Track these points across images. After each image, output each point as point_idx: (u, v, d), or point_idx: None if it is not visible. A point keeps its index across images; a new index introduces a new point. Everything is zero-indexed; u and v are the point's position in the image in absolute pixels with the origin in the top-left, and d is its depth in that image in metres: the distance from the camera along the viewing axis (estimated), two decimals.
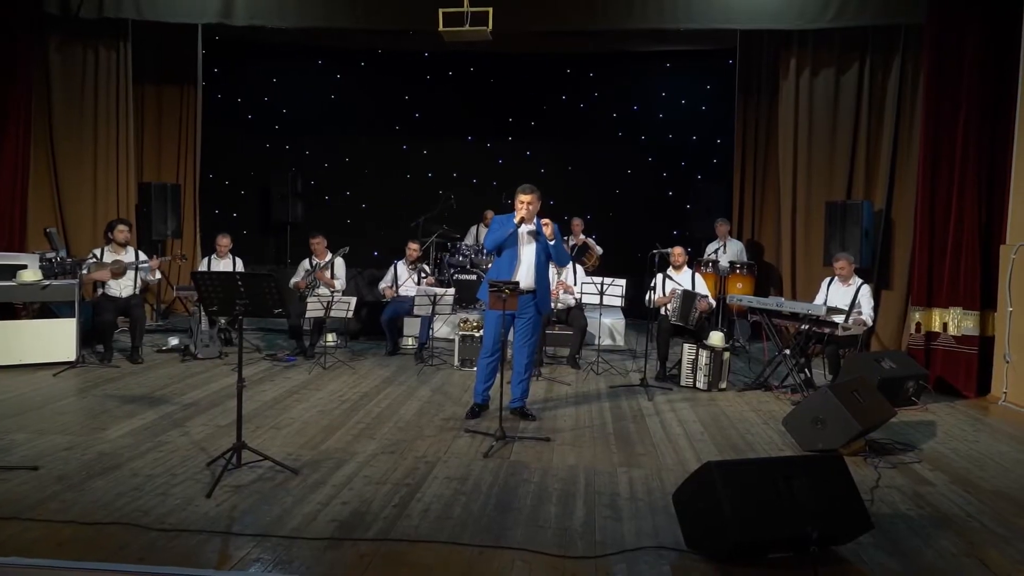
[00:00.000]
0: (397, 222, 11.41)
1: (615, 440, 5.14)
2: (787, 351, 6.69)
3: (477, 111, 12.00)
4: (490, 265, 8.22)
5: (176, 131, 11.00)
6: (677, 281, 7.39)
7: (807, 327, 6.57)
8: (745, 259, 9.49)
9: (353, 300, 7.27)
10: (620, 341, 9.08)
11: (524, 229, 5.46)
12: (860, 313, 6.84)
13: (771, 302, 6.76)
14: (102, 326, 7.07)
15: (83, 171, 9.46)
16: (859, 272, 7.64)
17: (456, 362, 7.43)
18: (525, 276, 5.43)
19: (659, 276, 7.45)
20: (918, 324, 7.22)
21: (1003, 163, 6.87)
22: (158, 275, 7.61)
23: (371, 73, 12.16)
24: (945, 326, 7.09)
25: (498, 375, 5.44)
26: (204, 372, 6.87)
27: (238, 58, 12.13)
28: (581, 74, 11.88)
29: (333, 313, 7.20)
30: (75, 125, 9.40)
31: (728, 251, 9.43)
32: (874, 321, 7.12)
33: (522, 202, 5.42)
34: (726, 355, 6.79)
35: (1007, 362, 6.62)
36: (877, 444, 5.10)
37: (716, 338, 6.83)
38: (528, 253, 5.49)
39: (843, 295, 7.00)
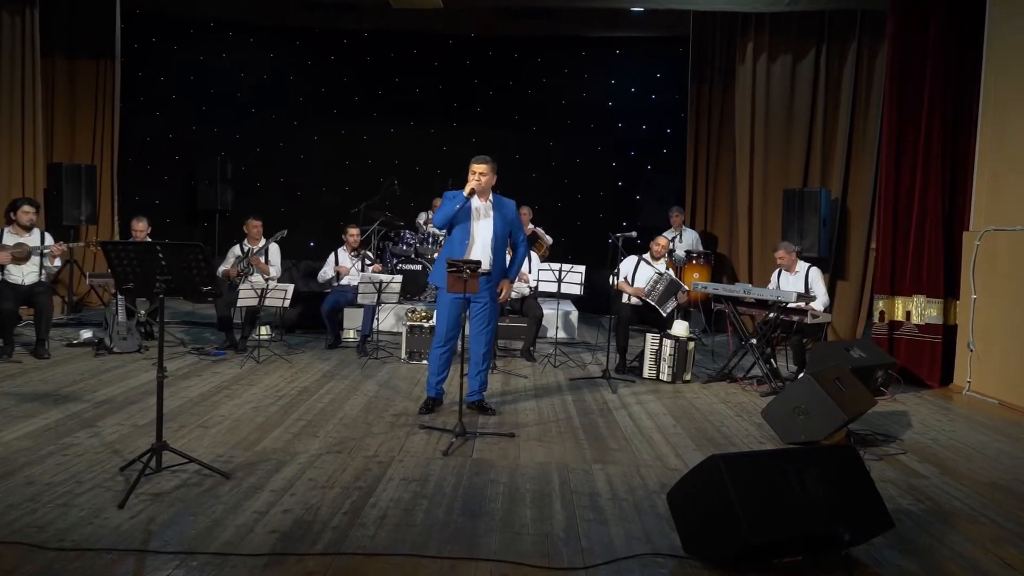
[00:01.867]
0: (334, 211, 10.77)
1: (584, 435, 4.71)
2: (753, 341, 6.39)
3: (420, 95, 11.46)
4: (437, 255, 7.73)
5: (91, 109, 10.12)
6: (656, 268, 7.04)
7: (774, 315, 6.28)
8: (701, 248, 9.24)
9: (290, 288, 6.65)
10: (575, 334, 8.69)
11: (477, 203, 4.98)
12: (815, 299, 6.60)
13: (738, 288, 6.46)
14: (1, 316, 6.26)
15: None
16: (816, 261, 7.44)
17: (404, 355, 6.89)
18: (480, 256, 4.94)
19: (631, 260, 7.08)
20: (881, 313, 7.04)
21: (966, 149, 6.74)
22: (59, 263, 6.80)
23: (307, 53, 11.49)
24: (908, 314, 6.92)
25: (453, 367, 4.95)
26: (120, 367, 6.15)
27: (161, 33, 11.29)
28: (529, 59, 11.46)
29: (268, 301, 6.57)
30: None
31: (684, 240, 9.16)
32: (829, 307, 6.90)
33: (474, 172, 4.95)
34: (691, 345, 6.45)
35: (971, 351, 6.47)
36: (858, 435, 4.81)
37: (680, 328, 6.48)
38: (483, 229, 5.00)
39: (794, 283, 6.75)
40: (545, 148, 11.47)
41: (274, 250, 7.44)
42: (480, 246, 4.99)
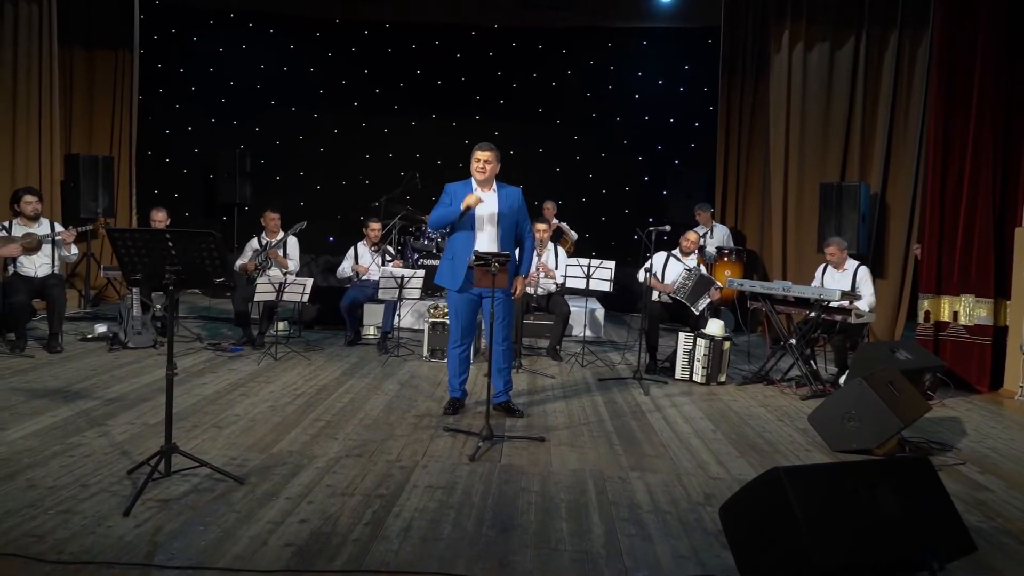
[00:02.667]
0: (354, 205, 10.57)
1: (618, 439, 4.43)
2: (792, 341, 6.08)
3: (442, 87, 11.22)
4: None
5: (109, 100, 9.99)
6: (685, 264, 6.75)
7: (816, 314, 5.96)
8: (732, 245, 8.93)
9: (309, 282, 6.42)
10: (601, 332, 8.40)
11: (481, 194, 4.68)
12: (860, 298, 6.27)
13: (776, 286, 6.14)
14: (13, 309, 6.10)
15: (0, 140, 8.35)
16: (855, 259, 7.10)
17: (425, 352, 6.63)
18: (487, 250, 4.66)
19: (661, 256, 6.79)
20: (927, 313, 6.69)
21: (1019, 141, 6.38)
22: (75, 251, 6.63)
23: (328, 44, 11.26)
24: (956, 315, 6.57)
25: (474, 366, 4.68)
26: (134, 363, 5.95)
27: (181, 25, 11.14)
28: (554, 51, 11.17)
29: (286, 296, 6.34)
30: None
31: (715, 236, 8.84)
32: (873, 308, 6.56)
33: (478, 160, 4.67)
34: (726, 345, 6.14)
35: None
36: (912, 444, 4.50)
37: (715, 327, 6.18)
38: (489, 222, 4.71)
39: (839, 282, 6.43)
40: (569, 142, 11.19)
41: (292, 243, 7.22)
42: (487, 240, 4.69)
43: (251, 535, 2.89)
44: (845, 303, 5.85)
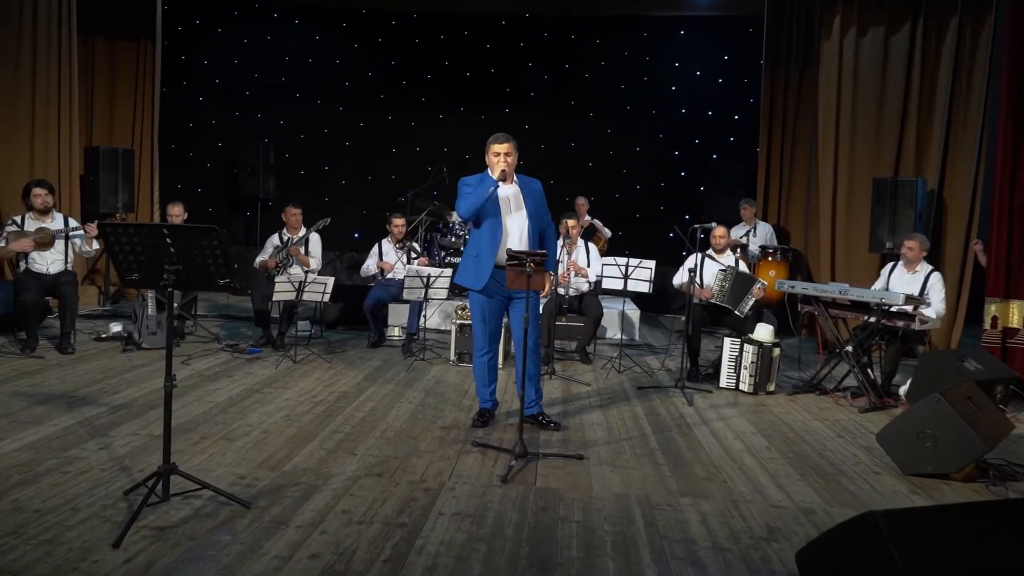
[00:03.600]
0: (381, 201, 10.24)
1: (664, 458, 4.03)
2: (848, 348, 5.61)
3: (471, 79, 10.84)
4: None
5: (131, 92, 9.78)
6: (720, 263, 6.30)
7: (875, 320, 5.49)
8: (776, 243, 8.45)
9: (330, 281, 6.08)
10: (635, 334, 7.98)
11: (505, 190, 4.33)
12: (928, 304, 5.78)
13: (832, 289, 5.67)
14: (23, 307, 5.84)
15: (18, 132, 8.12)
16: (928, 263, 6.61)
17: (452, 356, 6.27)
18: (517, 246, 4.29)
19: (695, 257, 6.34)
20: (994, 318, 6.17)
21: None
22: (96, 245, 6.36)
23: (354, 35, 10.94)
24: None
25: (503, 371, 4.30)
26: (147, 365, 5.66)
27: (205, 15, 10.90)
28: (587, 41, 10.74)
29: (306, 296, 6.01)
30: (8, 81, 8.06)
31: (758, 235, 8.36)
32: (941, 316, 6.07)
33: (498, 154, 4.29)
34: (776, 352, 5.69)
35: None
36: (994, 467, 4.03)
37: (764, 332, 5.74)
38: (517, 219, 4.34)
39: (907, 284, 5.94)
40: (603, 135, 10.75)
41: (315, 240, 6.89)
42: (516, 237, 4.32)
43: (255, 573, 2.54)
44: (909, 308, 5.37)
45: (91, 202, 8.73)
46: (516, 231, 4.33)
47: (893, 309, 5.46)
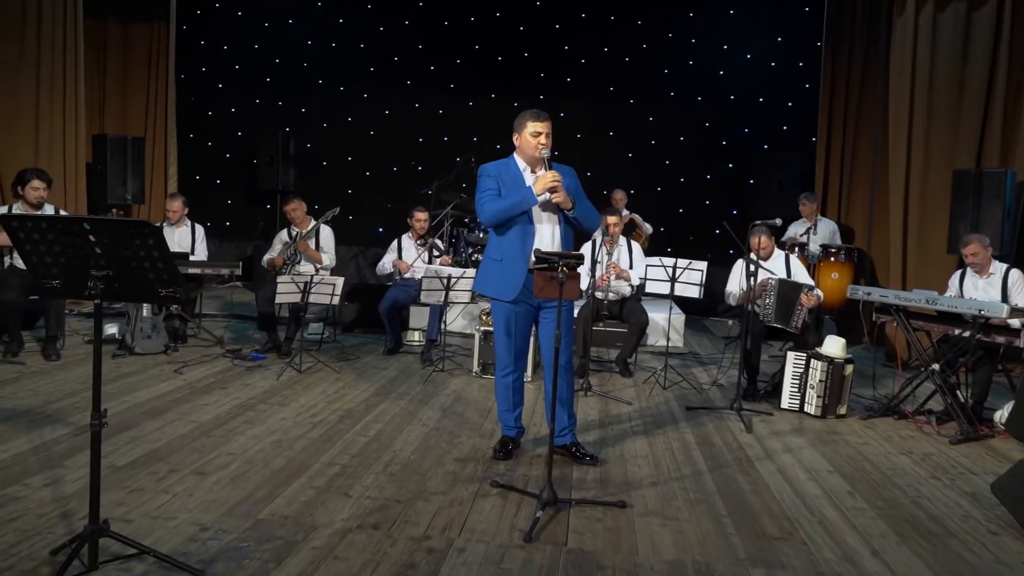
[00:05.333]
0: (406, 193, 9.60)
1: (725, 506, 3.30)
2: (936, 367, 4.81)
3: (503, 64, 10.13)
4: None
5: (144, 77, 9.27)
6: (768, 270, 5.51)
7: (970, 334, 4.68)
8: (839, 242, 7.63)
9: (340, 281, 5.44)
10: (680, 341, 7.24)
11: (531, 178, 3.62)
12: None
13: (917, 297, 4.86)
14: (5, 307, 5.30)
15: (22, 119, 7.62)
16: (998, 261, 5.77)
17: (475, 367, 5.60)
18: (549, 247, 3.59)
19: (739, 265, 5.58)
20: None
21: None
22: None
23: (379, 18, 10.29)
24: None
25: (532, 384, 3.62)
26: (135, 374, 5.09)
27: None
28: (627, 22, 9.95)
29: (313, 297, 5.38)
30: (12, 65, 7.55)
31: (819, 233, 7.54)
32: None
33: (537, 133, 3.58)
34: (848, 369, 4.91)
35: None
36: None
37: (834, 345, 4.95)
38: (548, 218, 3.62)
39: (983, 291, 5.13)
40: (644, 124, 9.97)
41: (326, 233, 6.27)
42: (548, 234, 3.61)
43: None
44: (1016, 323, 4.55)
45: (99, 193, 8.25)
46: (549, 228, 3.64)
47: (994, 322, 4.64)
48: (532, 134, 3.60)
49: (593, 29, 9.98)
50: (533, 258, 3.21)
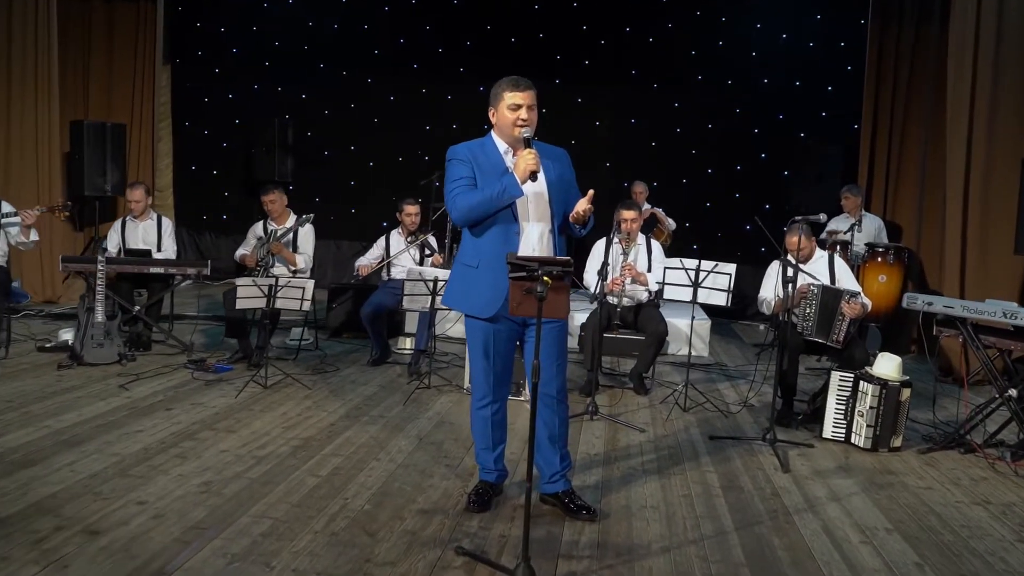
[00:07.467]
0: (412, 184, 8.92)
1: None
2: (1012, 392, 4.00)
3: (516, 46, 9.40)
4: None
5: (131, 62, 8.71)
6: (809, 273, 4.72)
7: None
8: (886, 240, 6.80)
9: (310, 284, 4.75)
10: (704, 350, 6.48)
11: (511, 161, 2.93)
12: None
13: (993, 308, 4.05)
14: None
15: None
16: None
17: (467, 382, 4.89)
18: (536, 252, 2.87)
19: (774, 267, 4.80)
20: None
21: None
22: (35, 235, 5.19)
23: None
24: None
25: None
26: (76, 389, 4.45)
27: None
28: (651, 0, 9.17)
29: (280, 303, 4.70)
30: None
31: (863, 230, 6.71)
32: None
33: (518, 106, 2.90)
34: (905, 394, 4.11)
35: None
36: None
37: (889, 365, 4.16)
38: (536, 204, 2.91)
39: None
40: (669, 110, 9.17)
41: (306, 234, 5.59)
42: (535, 234, 2.90)
43: None
44: None
45: (76, 184, 7.68)
46: (536, 226, 2.92)
47: None
48: (510, 107, 2.88)
49: (614, 7, 9.20)
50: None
